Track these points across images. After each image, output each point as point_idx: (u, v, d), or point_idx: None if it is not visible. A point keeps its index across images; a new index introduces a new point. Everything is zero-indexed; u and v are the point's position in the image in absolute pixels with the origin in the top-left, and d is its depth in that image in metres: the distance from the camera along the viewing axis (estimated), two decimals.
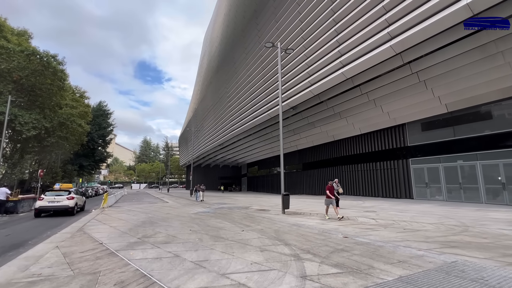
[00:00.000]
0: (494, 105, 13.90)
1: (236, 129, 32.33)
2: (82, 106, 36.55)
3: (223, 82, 37.18)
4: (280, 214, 11.66)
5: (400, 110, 17.28)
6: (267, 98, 24.81)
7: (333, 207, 9.71)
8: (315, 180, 28.95)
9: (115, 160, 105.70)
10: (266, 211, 13.15)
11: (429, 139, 16.70)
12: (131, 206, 17.49)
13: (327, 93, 19.05)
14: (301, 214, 11.60)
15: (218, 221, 9.60)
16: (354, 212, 11.67)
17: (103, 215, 11.99)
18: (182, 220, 10.10)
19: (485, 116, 14.20)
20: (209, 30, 60.14)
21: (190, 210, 13.97)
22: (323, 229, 7.70)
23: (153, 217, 10.91)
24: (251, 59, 27.63)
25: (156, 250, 5.38)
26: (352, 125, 21.03)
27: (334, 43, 16.86)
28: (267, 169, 42.97)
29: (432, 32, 11.94)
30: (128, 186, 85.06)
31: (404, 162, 18.04)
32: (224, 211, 13.24)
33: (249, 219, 10.06)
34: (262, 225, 8.56)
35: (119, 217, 11.05)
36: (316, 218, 10.26)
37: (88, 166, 44.88)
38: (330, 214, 10.34)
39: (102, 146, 48.76)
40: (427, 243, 5.74)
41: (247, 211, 13.36)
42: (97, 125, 45.60)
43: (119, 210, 14.49)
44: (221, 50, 39.60)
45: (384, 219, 9.45)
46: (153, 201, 23.56)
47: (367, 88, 17.11)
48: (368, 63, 14.88)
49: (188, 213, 12.47)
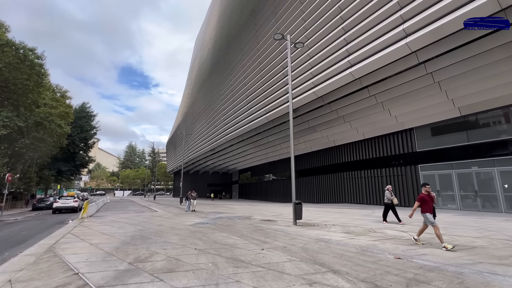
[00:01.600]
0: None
1: (230, 133, 30.79)
2: (63, 106, 33.86)
3: (216, 84, 35.74)
4: (292, 225, 10.18)
5: (409, 113, 16.45)
6: (265, 100, 23.56)
7: (434, 228, 6.09)
8: (313, 187, 27.72)
9: (97, 166, 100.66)
10: (273, 222, 11.63)
11: (440, 144, 15.90)
12: (115, 215, 15.43)
13: (332, 95, 18.02)
14: (315, 225, 10.17)
15: (224, 236, 7.99)
16: (374, 223, 10.38)
17: (82, 227, 10.05)
18: (180, 234, 8.41)
19: (502, 120, 13.53)
20: (201, 34, 58.93)
21: (186, 221, 12.21)
22: (359, 246, 6.30)
23: (143, 230, 9.13)
24: (248, 60, 26.45)
25: (158, 285, 3.76)
26: (355, 130, 20.06)
27: (341, 41, 15.92)
28: (260, 175, 41.45)
29: (454, 29, 11.14)
30: (111, 193, 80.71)
31: (413, 168, 17.14)
32: (226, 222, 11.60)
33: (260, 233, 8.51)
34: (281, 241, 7.06)
35: (102, 231, 9.18)
36: (337, 230, 8.87)
37: (68, 171, 41.59)
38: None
39: (83, 150, 45.59)
40: (509, 267, 4.47)
41: (252, 222, 11.78)
42: (79, 128, 42.63)
43: (102, 221, 12.49)
44: (215, 52, 38.30)
45: (415, 232, 8.18)
46: (140, 209, 21.40)
47: (376, 89, 16.20)
48: (379, 62, 13.96)
49: (184, 225, 10.74)
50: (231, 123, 30.49)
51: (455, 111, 14.63)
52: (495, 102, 13.19)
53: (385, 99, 16.36)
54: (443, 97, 14.32)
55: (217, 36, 38.47)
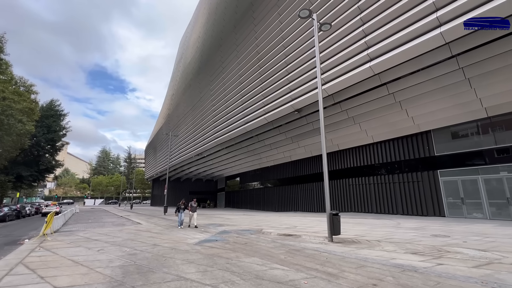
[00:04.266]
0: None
1: (220, 136, 28.28)
2: (26, 102, 29.40)
3: (205, 84, 33.23)
4: (329, 243, 8.01)
5: (428, 114, 15.21)
6: (264, 100, 21.53)
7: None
8: (312, 195, 25.85)
9: (65, 172, 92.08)
10: (298, 237, 9.38)
11: (462, 147, 14.75)
12: (89, 230, 12.28)
13: (345, 92, 16.43)
14: (357, 242, 8.06)
15: (258, 262, 5.63)
16: (424, 238, 8.51)
17: (43, 252, 7.11)
18: (192, 260, 5.89)
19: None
20: (187, 33, 56.36)
21: (186, 238, 9.57)
22: (475, 279, 4.28)
23: (136, 255, 6.47)
24: (245, 57, 24.41)
25: None
26: (365, 132, 18.61)
27: (359, 33, 14.43)
28: (250, 182, 39.01)
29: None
30: (81, 201, 73.56)
31: (431, 174, 15.83)
32: (239, 239, 9.16)
33: (302, 256, 6.25)
34: (352, 272, 4.85)
35: (73, 257, 6.36)
36: (395, 249, 6.83)
37: (29, 177, 36.22)
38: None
39: (50, 153, 40.38)
40: None
41: (271, 237, 9.45)
42: (45, 127, 37.69)
43: (72, 239, 9.46)
44: (204, 51, 35.91)
45: (478, 249, 6.38)
46: (119, 221, 18.08)
47: (395, 87, 14.81)
48: (405, 55, 12.55)
49: (188, 244, 8.15)
50: (223, 125, 28.04)
51: (481, 112, 13.53)
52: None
53: (405, 97, 15.01)
54: (471, 96, 13.16)
55: (207, 34, 36.21)
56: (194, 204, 13.26)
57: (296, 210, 26.81)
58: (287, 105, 19.46)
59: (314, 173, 25.75)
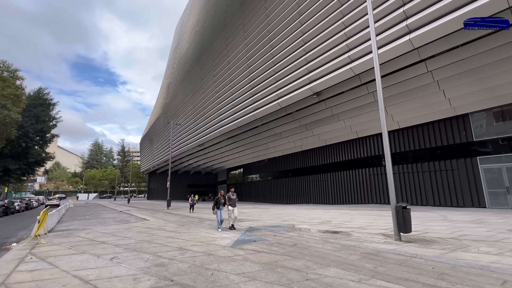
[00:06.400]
0: None
1: (225, 125, 26.42)
2: (11, 88, 26.78)
3: (207, 70, 31.03)
4: (398, 242, 6.45)
5: (467, 96, 13.71)
6: (277, 84, 19.69)
7: None
8: (324, 186, 24.43)
9: (56, 165, 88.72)
10: (348, 235, 7.81)
11: (506, 132, 13.33)
12: (90, 229, 10.46)
13: (373, 72, 14.72)
14: (434, 241, 6.52)
15: (337, 274, 3.99)
16: (499, 233, 7.03)
17: (36, 263, 5.31)
18: (251, 274, 4.20)
19: None
20: (184, 19, 53.44)
21: (214, 238, 7.87)
22: None
23: (166, 267, 4.74)
24: (255, 37, 22.33)
25: None
26: (391, 117, 17.06)
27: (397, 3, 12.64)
28: (255, 174, 37.42)
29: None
30: (73, 196, 70.96)
31: (469, 161, 14.45)
32: (280, 239, 7.52)
33: (387, 264, 4.64)
34: None
35: (80, 272, 4.59)
36: (488, 251, 5.30)
37: (18, 170, 33.73)
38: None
39: (39, 145, 37.78)
40: None
41: (317, 236, 7.86)
42: (33, 117, 35.00)
43: (72, 242, 7.64)
44: (205, 34, 33.53)
45: None
46: (120, 217, 16.27)
47: (434, 64, 13.18)
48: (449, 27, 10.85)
49: (224, 247, 6.46)
50: (228, 112, 26.13)
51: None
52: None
53: (443, 76, 13.42)
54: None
55: (208, 16, 33.77)
56: (233, 196, 9.74)
57: (308, 202, 25.39)
58: (304, 88, 17.69)
59: (328, 163, 24.26)
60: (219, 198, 9.64)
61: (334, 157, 23.74)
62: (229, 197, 9.69)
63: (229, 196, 9.70)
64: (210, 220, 12.93)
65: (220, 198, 9.64)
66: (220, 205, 9.55)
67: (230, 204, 9.60)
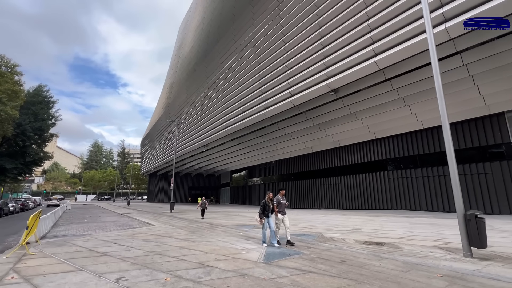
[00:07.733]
0: None
1: (231, 125, 25.23)
2: (9, 83, 25.61)
3: (213, 67, 29.91)
4: (469, 259, 5.20)
5: (502, 93, 12.55)
6: (290, 80, 18.53)
7: None
8: (337, 190, 23.15)
9: (54, 166, 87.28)
10: (398, 248, 6.56)
11: None
12: (89, 235, 9.16)
13: (398, 67, 13.61)
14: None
15: None
16: None
17: (17, 285, 4.03)
18: None
19: None
20: (188, 19, 52.62)
21: (238, 250, 6.60)
22: None
23: None
24: (266, 31, 21.24)
25: None
26: (415, 116, 15.88)
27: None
28: (259, 177, 36.11)
29: None
30: (72, 197, 69.46)
31: (505, 164, 13.21)
32: (318, 251, 6.26)
33: None
34: None
35: None
36: None
37: (14, 170, 32.36)
38: None
39: (37, 144, 36.46)
40: None
41: (359, 248, 6.59)
42: (32, 115, 33.73)
43: (68, 253, 6.37)
44: (211, 32, 32.53)
45: None
46: (121, 221, 14.97)
47: (469, 57, 12.03)
48: None
49: (257, 264, 5.20)
50: (235, 112, 24.94)
51: None
52: None
53: (477, 72, 12.27)
54: None
55: (215, 13, 32.79)
56: (283, 200, 7.25)
57: (320, 207, 24.09)
58: (321, 85, 16.52)
59: (341, 166, 23.02)
60: (267, 203, 7.06)
61: (348, 159, 22.51)
62: (278, 201, 7.14)
63: (278, 199, 7.16)
64: (222, 226, 11.65)
65: (269, 203, 7.08)
66: (269, 212, 7.05)
67: (279, 212, 7.14)
